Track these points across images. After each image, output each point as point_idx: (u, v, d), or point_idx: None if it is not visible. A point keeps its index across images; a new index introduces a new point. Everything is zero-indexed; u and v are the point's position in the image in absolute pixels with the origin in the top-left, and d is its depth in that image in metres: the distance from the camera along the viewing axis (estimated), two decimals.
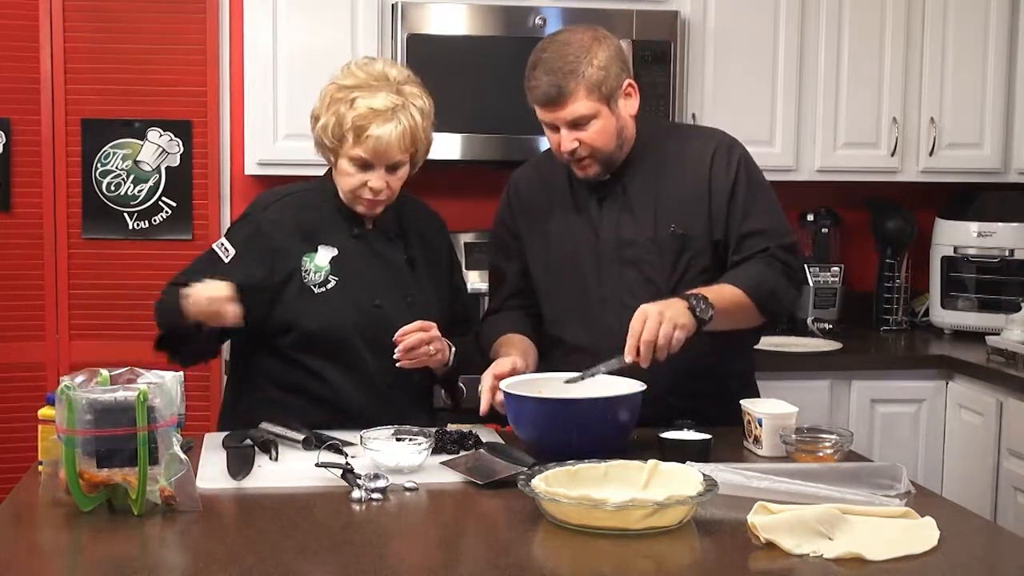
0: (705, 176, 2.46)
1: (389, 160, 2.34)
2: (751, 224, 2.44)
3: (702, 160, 2.47)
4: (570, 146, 2.39)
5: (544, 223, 2.56)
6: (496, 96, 3.47)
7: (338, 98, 2.34)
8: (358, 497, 1.92)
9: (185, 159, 3.74)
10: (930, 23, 3.80)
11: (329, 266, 2.38)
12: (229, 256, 2.38)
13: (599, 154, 2.41)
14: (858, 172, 3.84)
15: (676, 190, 2.47)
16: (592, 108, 2.37)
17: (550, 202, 2.57)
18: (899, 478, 1.99)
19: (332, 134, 2.34)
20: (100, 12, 3.66)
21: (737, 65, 3.70)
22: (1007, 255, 3.83)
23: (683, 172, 2.48)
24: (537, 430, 2.19)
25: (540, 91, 2.38)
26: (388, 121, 2.31)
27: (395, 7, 3.50)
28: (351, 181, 2.36)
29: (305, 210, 2.44)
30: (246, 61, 3.58)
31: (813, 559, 1.65)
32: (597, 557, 1.68)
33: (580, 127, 2.38)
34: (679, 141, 2.54)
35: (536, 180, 2.62)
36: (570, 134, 2.39)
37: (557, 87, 2.35)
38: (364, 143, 2.31)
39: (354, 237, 2.42)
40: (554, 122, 2.40)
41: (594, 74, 2.36)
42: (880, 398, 3.54)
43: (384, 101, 2.31)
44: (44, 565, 1.69)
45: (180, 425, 2.06)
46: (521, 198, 2.62)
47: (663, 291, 2.41)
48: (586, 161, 2.42)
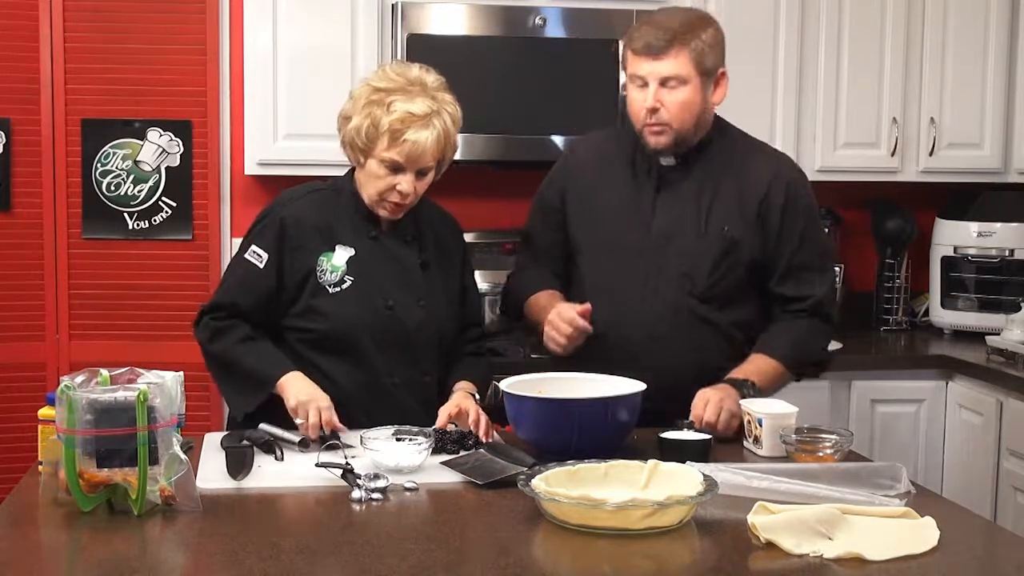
0: (762, 192, 2.50)
1: (422, 164, 2.34)
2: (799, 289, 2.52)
3: (763, 176, 2.51)
4: (654, 103, 2.42)
5: (595, 199, 2.58)
6: (496, 96, 3.48)
7: (374, 100, 2.33)
8: (358, 497, 1.92)
9: (185, 159, 3.74)
10: (930, 23, 3.80)
11: (345, 266, 2.38)
12: (263, 262, 2.38)
13: (676, 124, 2.44)
14: (858, 172, 3.84)
15: (734, 196, 2.50)
16: (688, 72, 2.41)
17: (606, 179, 2.58)
18: (899, 478, 1.99)
19: (366, 135, 2.33)
20: (100, 12, 3.65)
21: (737, 65, 3.68)
22: (1007, 255, 3.82)
23: (744, 180, 2.51)
24: (537, 430, 2.19)
25: (646, 39, 2.41)
26: (425, 127, 2.31)
27: (395, 7, 3.50)
28: (380, 184, 2.36)
29: (325, 209, 2.43)
30: (246, 61, 3.58)
31: (813, 559, 1.65)
32: (597, 557, 1.68)
33: (671, 87, 2.41)
34: (748, 150, 2.59)
35: (594, 155, 2.65)
36: (658, 91, 2.42)
37: (666, 39, 2.39)
38: (400, 146, 2.31)
39: (371, 239, 2.42)
40: (647, 76, 2.42)
41: (700, 45, 2.42)
42: (880, 398, 3.54)
43: (422, 106, 2.32)
44: (44, 565, 1.69)
45: (180, 425, 2.07)
46: (575, 170, 2.65)
47: (697, 288, 2.45)
48: (663, 127, 2.44)
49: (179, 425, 2.03)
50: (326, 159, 3.31)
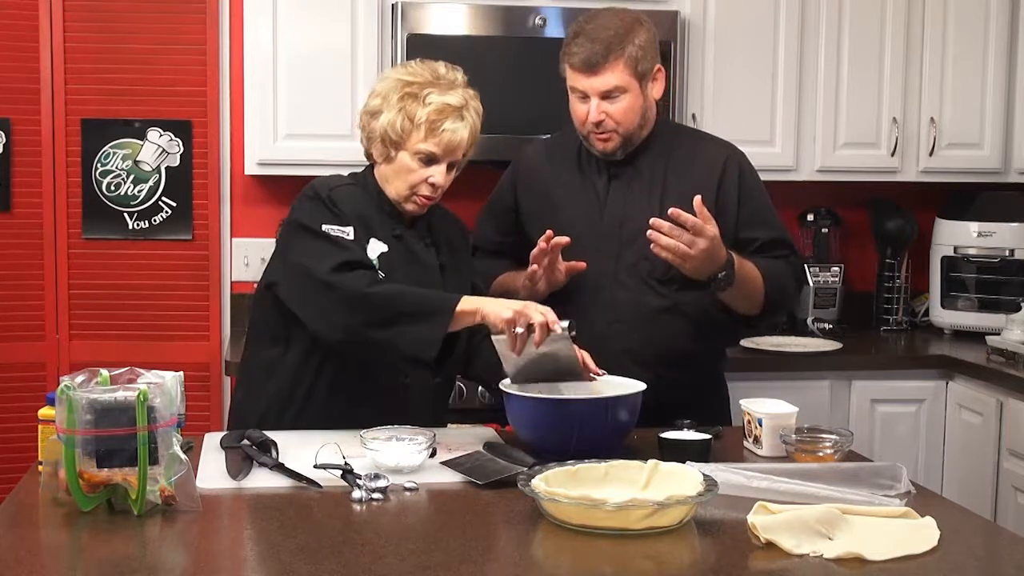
0: (716, 177, 2.57)
1: (457, 156, 2.36)
2: (770, 232, 2.60)
3: (715, 162, 2.59)
4: (598, 117, 2.49)
5: (548, 194, 2.64)
6: (496, 96, 3.42)
7: (408, 93, 2.33)
8: (358, 497, 1.92)
9: (185, 159, 3.74)
10: (930, 23, 3.80)
11: (378, 261, 2.37)
12: (350, 235, 2.31)
13: (622, 130, 2.51)
14: (858, 172, 3.84)
15: (686, 180, 2.56)
16: (626, 82, 2.47)
17: (557, 175, 2.65)
18: (899, 478, 1.99)
19: (401, 128, 2.32)
20: (100, 12, 3.66)
21: (737, 65, 3.70)
22: (1007, 255, 3.82)
23: (695, 166, 2.58)
24: (537, 430, 2.19)
25: (581, 56, 2.47)
26: (460, 118, 2.33)
27: (395, 7, 3.50)
28: (412, 177, 2.35)
29: (360, 202, 2.40)
30: (246, 61, 3.58)
31: (813, 559, 1.65)
32: (597, 557, 1.68)
33: (611, 99, 2.48)
34: (694, 139, 2.70)
35: (544, 154, 2.72)
36: (600, 104, 2.48)
37: (599, 54, 2.45)
38: (439, 136, 2.31)
39: (395, 237, 2.40)
40: (587, 90, 2.49)
41: (634, 51, 2.48)
42: (880, 398, 3.54)
43: (457, 98, 2.33)
44: (44, 565, 1.69)
45: (180, 425, 2.06)
46: (527, 170, 2.71)
47: (656, 271, 2.51)
48: (608, 135, 2.51)
49: (179, 425, 2.03)
50: (326, 159, 3.32)
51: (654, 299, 2.54)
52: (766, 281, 2.54)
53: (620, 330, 2.53)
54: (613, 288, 2.54)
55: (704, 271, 2.41)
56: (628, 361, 2.42)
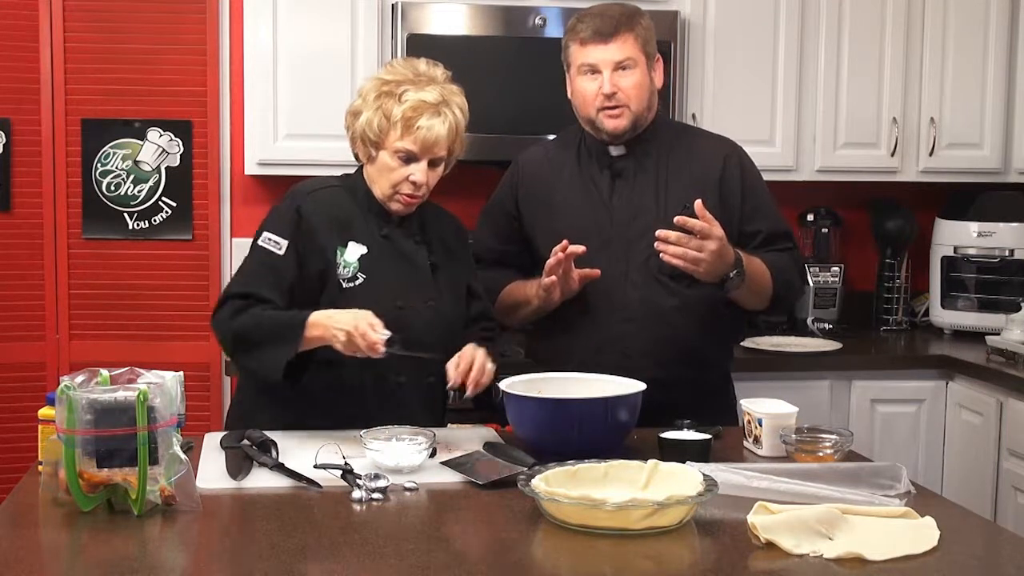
0: (718, 172, 2.58)
1: (435, 153, 2.35)
2: (773, 225, 2.62)
3: (717, 157, 2.60)
4: (611, 88, 2.50)
5: (550, 197, 2.64)
6: (496, 96, 3.47)
7: (384, 92, 2.34)
8: (358, 497, 1.92)
9: (185, 159, 3.74)
10: (930, 23, 3.80)
11: (358, 263, 2.37)
12: (282, 248, 2.35)
13: (633, 106, 2.52)
14: (858, 172, 3.84)
15: (688, 176, 2.57)
16: (637, 55, 2.51)
17: (558, 177, 2.64)
18: (899, 478, 1.99)
19: (378, 127, 2.33)
20: (100, 12, 3.65)
21: (737, 65, 3.70)
22: (1007, 255, 3.82)
23: (696, 163, 2.59)
24: (537, 430, 2.19)
25: (593, 27, 2.51)
26: (437, 115, 2.33)
27: (395, 7, 3.50)
28: (393, 176, 2.36)
29: (340, 205, 2.42)
30: (246, 61, 3.58)
31: (813, 559, 1.65)
32: (597, 557, 1.68)
33: (623, 70, 2.50)
34: (694, 136, 2.71)
35: (542, 157, 2.71)
36: (613, 76, 2.50)
37: (611, 25, 2.49)
38: (414, 134, 2.32)
39: (382, 237, 2.41)
40: (598, 63, 2.51)
41: (643, 31, 2.53)
42: (880, 398, 3.54)
43: (433, 95, 2.33)
44: (44, 565, 1.69)
45: (180, 425, 2.06)
46: (527, 176, 2.70)
47: (665, 267, 2.49)
48: (620, 110, 2.52)
49: (179, 425, 2.03)
50: (326, 159, 3.32)
51: (666, 297, 2.53)
52: (774, 277, 2.55)
53: (632, 330, 2.52)
54: (626, 288, 2.54)
55: (717, 272, 2.42)
56: (642, 361, 2.43)
